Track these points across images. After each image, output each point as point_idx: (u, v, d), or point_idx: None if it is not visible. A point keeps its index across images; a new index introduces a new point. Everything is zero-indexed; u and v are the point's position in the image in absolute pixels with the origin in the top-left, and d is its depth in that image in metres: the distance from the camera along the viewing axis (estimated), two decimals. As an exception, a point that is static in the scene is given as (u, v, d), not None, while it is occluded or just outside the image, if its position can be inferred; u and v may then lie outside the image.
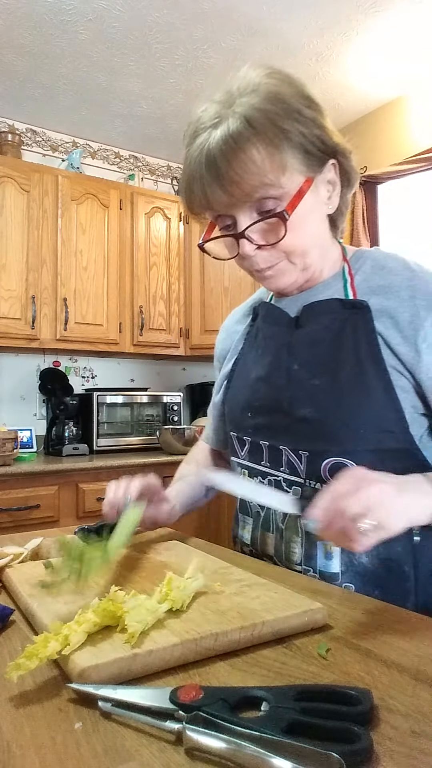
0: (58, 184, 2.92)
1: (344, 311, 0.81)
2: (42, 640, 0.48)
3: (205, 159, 0.72)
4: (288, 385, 0.83)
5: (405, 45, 2.61)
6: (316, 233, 0.81)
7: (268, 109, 0.70)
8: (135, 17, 2.40)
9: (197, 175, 0.75)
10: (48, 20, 2.41)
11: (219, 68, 2.76)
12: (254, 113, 0.70)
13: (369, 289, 0.81)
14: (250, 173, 0.71)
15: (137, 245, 3.16)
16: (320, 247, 0.83)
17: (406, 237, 3.08)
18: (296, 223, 0.75)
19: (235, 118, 0.70)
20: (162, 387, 3.59)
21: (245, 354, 0.96)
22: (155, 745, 0.40)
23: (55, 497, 2.52)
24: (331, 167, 0.79)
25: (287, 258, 0.79)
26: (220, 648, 0.54)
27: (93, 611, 0.53)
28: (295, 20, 2.43)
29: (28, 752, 0.39)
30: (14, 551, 0.81)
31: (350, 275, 0.84)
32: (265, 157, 0.70)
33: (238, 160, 0.70)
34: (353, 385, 0.77)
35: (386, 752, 0.39)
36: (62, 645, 0.49)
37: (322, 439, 0.79)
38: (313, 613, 0.60)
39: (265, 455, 0.87)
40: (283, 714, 0.41)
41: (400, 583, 0.78)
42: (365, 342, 0.78)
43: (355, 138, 3.33)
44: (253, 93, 0.71)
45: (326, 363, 0.80)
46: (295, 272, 0.81)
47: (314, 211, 0.79)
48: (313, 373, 0.81)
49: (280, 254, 0.78)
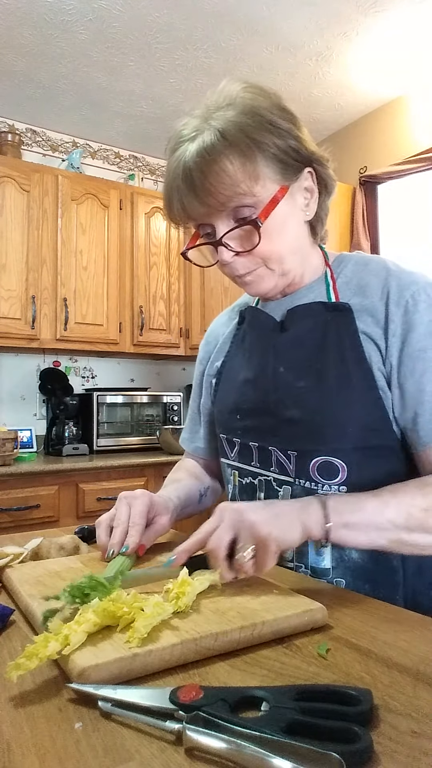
0: (58, 184, 2.92)
1: (327, 313, 0.83)
2: (42, 640, 0.48)
3: (182, 171, 0.75)
4: (274, 388, 0.85)
5: (405, 45, 2.61)
6: (293, 239, 0.82)
7: (242, 121, 0.73)
8: (135, 17, 2.40)
9: (175, 186, 0.78)
10: (48, 20, 2.41)
11: (219, 68, 2.76)
12: (228, 126, 0.73)
13: (350, 291, 0.84)
14: (224, 184, 0.74)
15: (137, 245, 3.16)
16: (298, 253, 0.85)
17: (406, 237, 3.08)
18: (271, 230, 0.77)
19: (210, 131, 0.73)
20: (162, 387, 3.59)
21: (232, 357, 0.98)
22: (155, 745, 0.40)
23: (55, 497, 2.52)
24: (307, 175, 0.81)
25: (265, 264, 0.81)
26: (220, 648, 0.54)
27: (93, 611, 0.53)
28: (295, 20, 2.43)
29: (28, 752, 0.39)
30: (14, 551, 0.81)
31: (332, 279, 0.87)
32: (238, 167, 0.73)
33: (212, 172, 0.73)
34: (337, 386, 0.79)
35: (386, 752, 0.39)
36: (62, 645, 0.49)
37: (309, 439, 0.81)
38: (313, 613, 0.60)
39: (254, 456, 0.89)
40: (283, 714, 0.41)
41: (389, 576, 0.80)
42: (348, 343, 0.80)
43: (355, 138, 3.32)
44: (229, 107, 0.74)
45: (311, 365, 0.82)
46: (273, 278, 0.83)
47: (291, 218, 0.81)
48: (298, 375, 0.83)
49: (257, 260, 0.80)
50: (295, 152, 0.77)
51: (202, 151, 0.73)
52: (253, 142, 0.73)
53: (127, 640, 0.51)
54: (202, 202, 0.76)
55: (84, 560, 0.80)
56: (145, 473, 2.78)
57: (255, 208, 0.76)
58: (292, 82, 2.90)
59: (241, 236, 0.78)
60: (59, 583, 0.70)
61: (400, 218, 3.13)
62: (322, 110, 3.17)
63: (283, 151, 0.76)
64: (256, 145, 0.73)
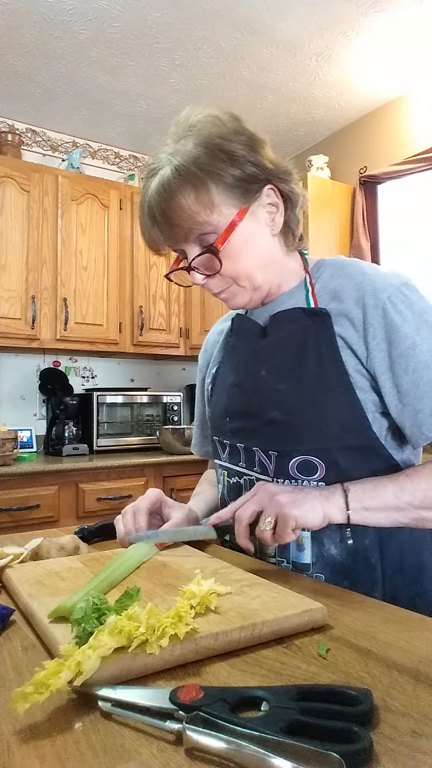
0: (58, 184, 2.92)
1: (307, 319, 0.86)
2: (54, 666, 0.45)
3: (147, 207, 0.82)
4: (257, 390, 0.89)
5: (405, 45, 2.61)
6: (260, 255, 0.86)
7: (197, 154, 0.77)
8: (135, 17, 2.40)
9: (143, 221, 0.84)
10: (48, 20, 2.41)
11: (219, 68, 2.77)
12: (184, 160, 0.77)
13: (328, 295, 0.86)
14: (182, 217, 0.79)
15: (137, 245, 3.16)
16: (270, 265, 0.87)
17: (406, 237, 3.08)
18: (234, 252, 0.82)
19: (168, 166, 0.78)
20: (162, 387, 3.59)
21: (224, 363, 1.02)
22: (155, 745, 0.40)
23: (55, 497, 2.52)
24: (269, 192, 0.84)
25: (235, 282, 0.85)
26: (220, 648, 0.54)
27: (109, 633, 0.49)
28: (295, 20, 2.43)
29: (28, 752, 0.39)
30: (14, 551, 0.81)
31: (311, 285, 0.89)
32: (193, 200, 0.78)
33: (170, 207, 0.79)
34: (315, 388, 0.82)
35: (386, 752, 0.39)
36: (74, 673, 0.45)
37: (289, 440, 0.84)
38: (313, 612, 0.60)
39: (242, 456, 0.93)
40: (283, 714, 0.41)
41: (368, 573, 0.82)
42: (326, 346, 0.83)
43: (355, 138, 3.32)
44: (188, 137, 0.79)
45: (291, 368, 0.85)
46: (246, 293, 0.87)
47: (255, 236, 0.84)
48: (278, 378, 0.87)
49: (227, 280, 0.85)
50: (252, 177, 0.81)
51: (160, 188, 0.78)
52: (207, 174, 0.77)
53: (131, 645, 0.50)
54: (165, 234, 0.82)
55: (84, 560, 0.80)
56: (145, 473, 2.78)
57: (216, 233, 0.80)
58: (292, 82, 2.90)
59: (206, 261, 0.82)
60: (59, 583, 0.70)
61: (400, 218, 3.13)
62: (322, 110, 3.17)
63: (239, 179, 0.79)
64: (210, 176, 0.77)
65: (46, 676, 0.44)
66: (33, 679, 0.43)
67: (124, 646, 0.50)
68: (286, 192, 0.86)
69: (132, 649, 0.50)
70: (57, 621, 0.58)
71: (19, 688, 0.42)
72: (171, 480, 2.80)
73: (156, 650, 0.50)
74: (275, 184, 0.84)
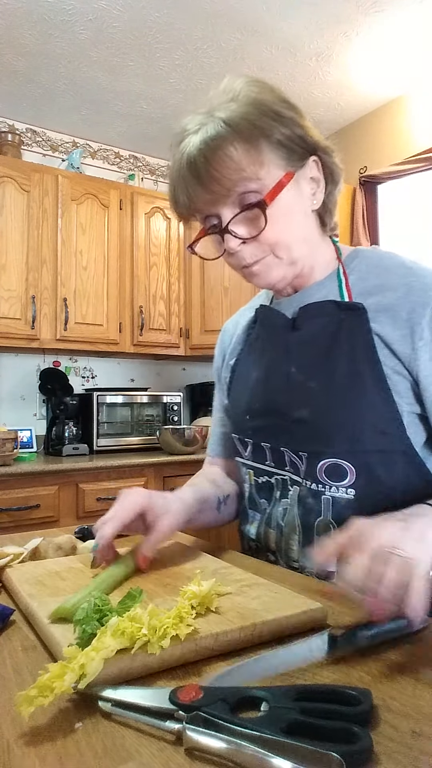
0: (58, 184, 2.92)
1: (340, 312, 0.81)
2: (58, 669, 0.44)
3: (186, 160, 0.75)
4: (285, 388, 0.85)
5: (405, 45, 2.61)
6: (300, 227, 0.81)
7: (245, 111, 0.73)
8: (135, 17, 2.40)
9: (180, 176, 0.77)
10: (48, 20, 2.41)
11: (219, 68, 2.76)
12: (232, 115, 0.73)
13: (365, 289, 0.81)
14: (229, 169, 0.73)
15: (137, 245, 3.16)
16: (306, 242, 0.83)
17: (406, 237, 3.08)
18: (277, 215, 0.76)
19: (213, 122, 0.74)
20: (162, 387, 3.59)
21: (245, 356, 0.97)
22: (155, 745, 0.40)
23: (55, 497, 2.52)
24: (313, 164, 0.81)
25: (272, 252, 0.79)
26: (220, 648, 0.54)
27: (112, 635, 0.49)
28: (295, 20, 2.43)
29: (28, 752, 0.39)
30: (14, 551, 0.81)
31: (345, 275, 0.84)
32: (242, 153, 0.73)
33: (216, 158, 0.73)
34: (348, 387, 0.78)
35: (386, 752, 0.39)
36: (78, 675, 0.45)
37: (317, 441, 0.80)
38: (313, 612, 0.60)
39: (268, 456, 0.89)
40: (283, 714, 0.41)
41: None
42: (361, 344, 0.78)
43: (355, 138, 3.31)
44: (232, 101, 0.75)
45: (322, 365, 0.81)
46: (282, 267, 0.81)
47: (297, 205, 0.80)
48: (309, 375, 0.82)
49: (264, 248, 0.79)
50: (300, 139, 0.77)
51: (207, 139, 0.73)
52: (257, 128, 0.73)
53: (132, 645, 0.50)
54: (207, 189, 0.75)
55: (84, 560, 0.80)
56: (145, 473, 2.78)
57: (260, 193, 0.75)
58: (292, 82, 2.90)
59: (246, 222, 0.77)
60: (59, 583, 0.70)
61: (400, 218, 3.13)
62: (322, 110, 3.17)
63: (288, 138, 0.76)
64: (260, 131, 0.73)
65: (50, 679, 0.43)
66: (37, 682, 0.43)
67: (126, 648, 0.50)
68: (329, 166, 0.83)
69: (134, 651, 0.50)
70: (57, 621, 0.58)
71: (23, 692, 0.42)
72: (171, 480, 2.80)
73: (157, 651, 0.50)
74: (320, 156, 0.81)
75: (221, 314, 3.23)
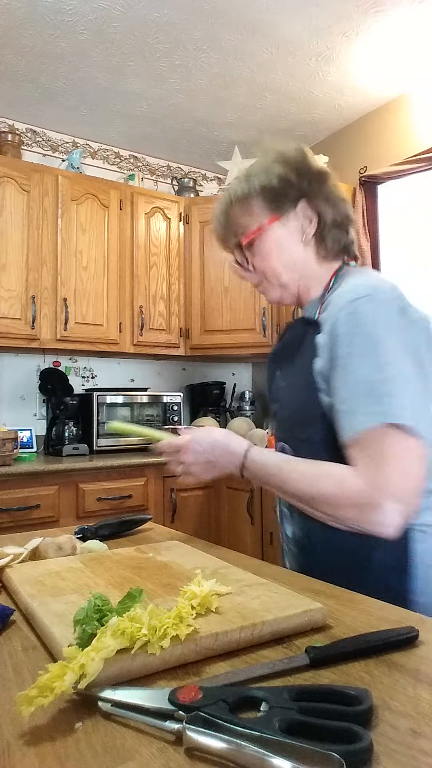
0: (58, 184, 2.92)
1: (305, 327, 0.96)
2: (58, 669, 0.45)
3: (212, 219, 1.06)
4: (274, 386, 1.07)
5: (405, 45, 2.61)
6: (288, 258, 0.99)
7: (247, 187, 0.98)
8: (135, 17, 2.40)
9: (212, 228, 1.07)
10: (48, 20, 2.41)
11: (219, 68, 2.76)
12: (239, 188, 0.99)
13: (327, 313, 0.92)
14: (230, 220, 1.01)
15: (137, 245, 3.16)
16: (296, 270, 0.99)
17: (406, 237, 3.08)
18: (265, 250, 0.98)
19: (227, 193, 1.01)
20: (162, 387, 3.59)
21: None
22: (155, 745, 0.40)
23: (55, 497, 2.52)
24: (301, 206, 0.97)
25: (265, 278, 1.01)
26: (220, 648, 0.54)
27: (112, 635, 0.49)
28: (295, 20, 2.43)
29: (28, 752, 0.39)
30: (14, 551, 0.81)
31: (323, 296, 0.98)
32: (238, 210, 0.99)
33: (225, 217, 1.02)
34: (296, 387, 0.95)
35: (386, 752, 0.39)
36: (78, 675, 0.45)
37: (279, 429, 1.02)
38: (313, 613, 0.60)
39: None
40: (282, 714, 0.41)
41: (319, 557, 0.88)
42: (307, 351, 0.92)
43: (355, 138, 3.31)
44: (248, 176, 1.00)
45: (289, 369, 0.99)
46: (276, 289, 1.02)
47: (286, 240, 0.98)
48: (283, 376, 1.03)
49: (259, 275, 1.01)
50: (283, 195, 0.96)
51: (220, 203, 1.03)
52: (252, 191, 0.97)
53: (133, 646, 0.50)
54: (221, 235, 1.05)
55: (84, 560, 0.80)
56: (145, 473, 2.78)
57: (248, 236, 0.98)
58: (292, 82, 2.90)
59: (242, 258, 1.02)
60: (59, 583, 0.70)
61: (400, 218, 3.13)
62: (322, 110, 3.17)
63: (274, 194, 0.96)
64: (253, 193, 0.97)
65: (50, 679, 0.43)
66: (37, 682, 0.43)
67: (126, 648, 0.50)
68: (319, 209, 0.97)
69: (134, 651, 0.50)
70: (57, 621, 0.58)
71: (23, 692, 0.42)
72: (171, 480, 2.80)
73: (157, 651, 0.50)
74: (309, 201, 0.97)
75: (221, 314, 3.23)
